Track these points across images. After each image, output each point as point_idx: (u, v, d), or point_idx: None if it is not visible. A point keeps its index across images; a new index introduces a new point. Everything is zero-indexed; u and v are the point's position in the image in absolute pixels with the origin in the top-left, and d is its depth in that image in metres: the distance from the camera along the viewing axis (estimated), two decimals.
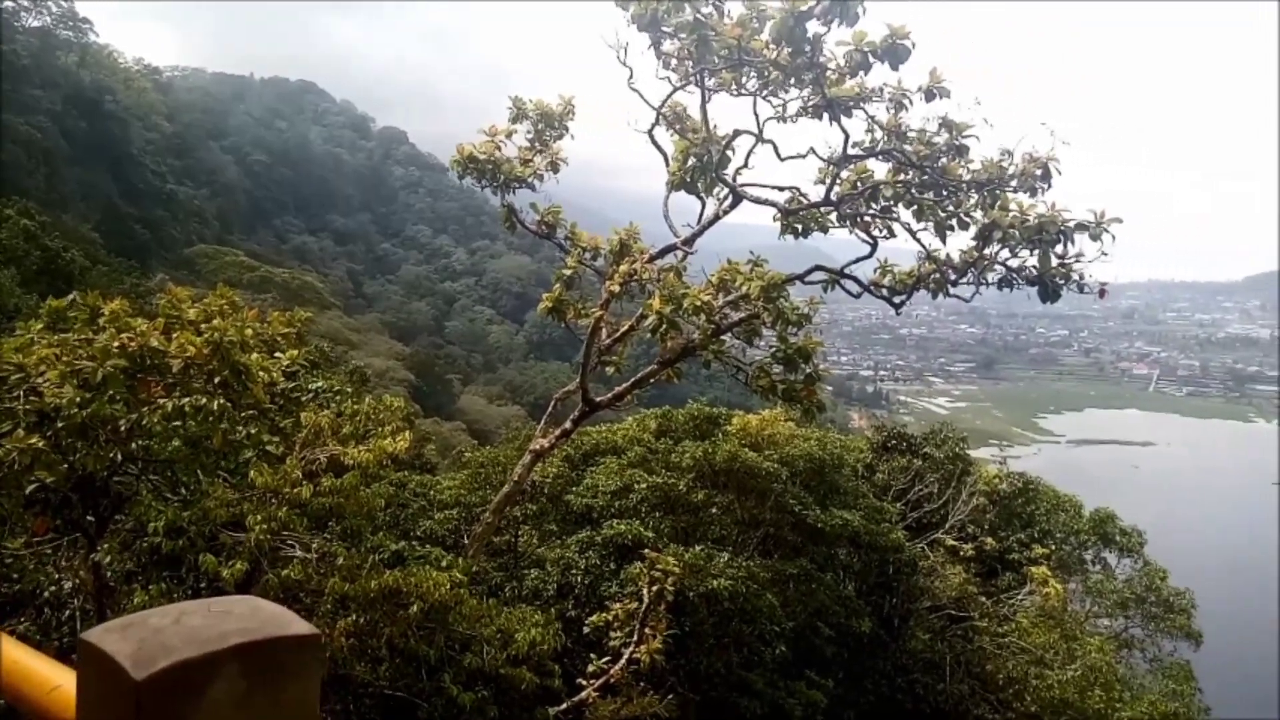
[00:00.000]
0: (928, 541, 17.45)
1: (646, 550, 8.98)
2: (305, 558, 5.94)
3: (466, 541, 9.15)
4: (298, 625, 1.03)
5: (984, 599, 16.78)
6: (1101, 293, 6.26)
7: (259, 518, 5.53)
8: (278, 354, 6.57)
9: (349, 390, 9.11)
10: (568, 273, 6.77)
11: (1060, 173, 5.94)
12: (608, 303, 6.64)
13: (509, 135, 7.07)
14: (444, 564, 6.54)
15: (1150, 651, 22.53)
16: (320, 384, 8.00)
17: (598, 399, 7.36)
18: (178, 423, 5.30)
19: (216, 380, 5.24)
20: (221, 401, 5.15)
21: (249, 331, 5.62)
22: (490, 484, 11.85)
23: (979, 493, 18.96)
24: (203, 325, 5.46)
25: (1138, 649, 22.48)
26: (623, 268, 6.40)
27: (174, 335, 5.26)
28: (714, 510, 13.60)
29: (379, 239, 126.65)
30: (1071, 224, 5.95)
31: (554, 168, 7.17)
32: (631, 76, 6.78)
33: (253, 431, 5.70)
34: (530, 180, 7.02)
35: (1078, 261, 6.06)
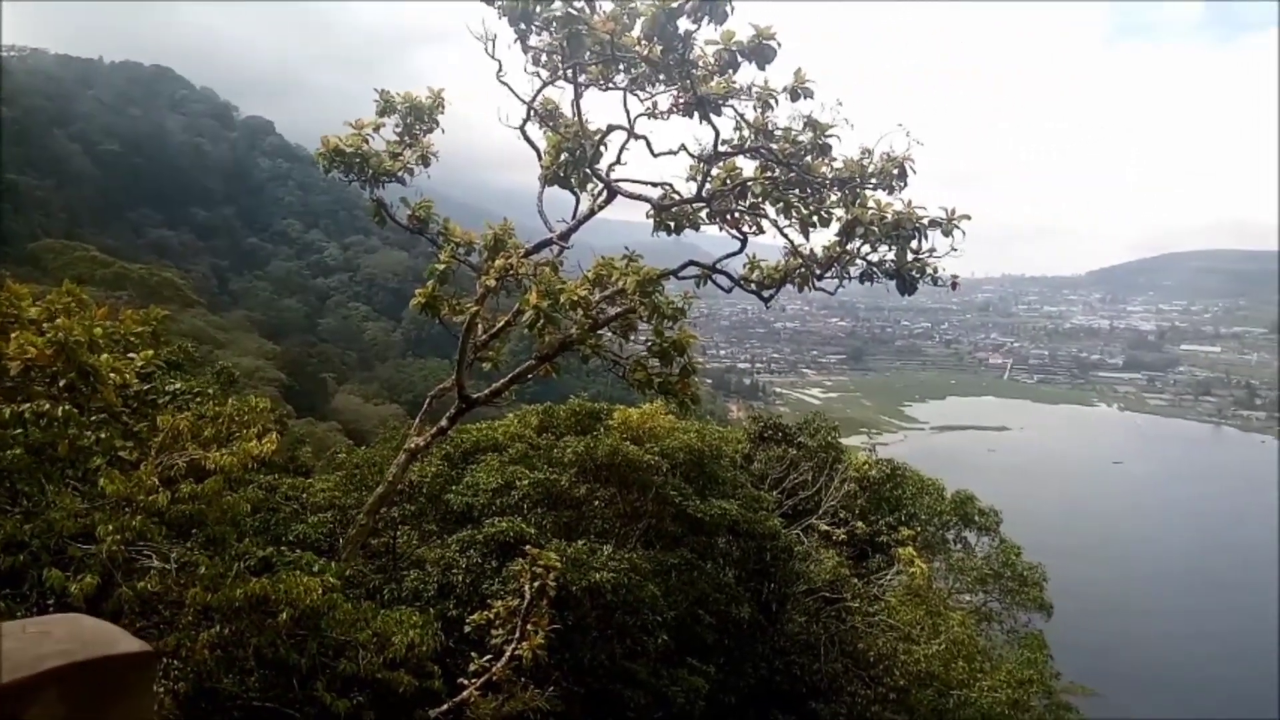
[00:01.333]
0: (803, 527, 18.06)
1: (528, 547, 8.96)
2: (164, 568, 5.65)
3: (341, 545, 8.90)
4: (126, 643, 0.98)
5: (856, 580, 17.47)
6: (954, 285, 6.64)
7: (111, 528, 5.21)
8: (131, 354, 6.22)
9: (212, 391, 8.71)
10: (441, 268, 6.67)
11: (915, 171, 6.27)
12: (483, 298, 6.58)
13: (377, 128, 6.90)
14: (316, 569, 6.34)
15: (1007, 623, 23.97)
16: (179, 385, 7.61)
17: (475, 396, 7.29)
18: (18, 430, 4.95)
19: (61, 383, 4.92)
20: (67, 407, 4.84)
21: (98, 331, 5.30)
22: (366, 485, 11.55)
23: (850, 479, 19.73)
24: (45, 325, 5.12)
25: (996, 621, 23.87)
26: (498, 263, 6.35)
27: (12, 336, 4.91)
28: (596, 504, 13.68)
29: (245, 233, 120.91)
30: (926, 220, 6.29)
31: (425, 161, 7.04)
32: (501, 70, 6.74)
33: (103, 436, 5.39)
34: (400, 174, 6.88)
35: (932, 256, 6.41)
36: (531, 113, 7.27)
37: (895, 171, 6.31)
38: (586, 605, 11.35)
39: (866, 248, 6.69)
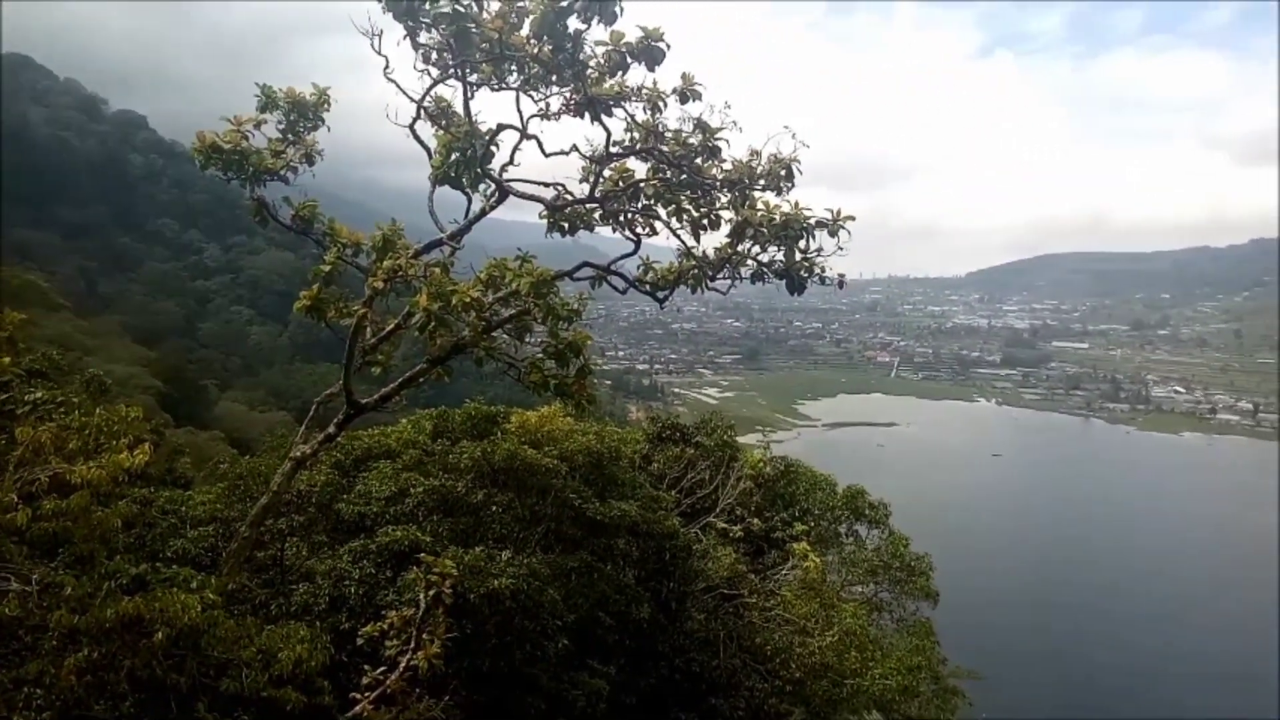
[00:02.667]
0: (701, 526, 18.26)
1: (423, 555, 8.75)
2: (24, 590, 5.27)
3: (223, 559, 8.51)
4: None
5: (753, 576, 17.77)
6: (840, 284, 6.83)
7: None
8: None
9: (78, 400, 8.18)
10: (326, 269, 6.45)
11: (801, 173, 6.43)
12: (371, 300, 6.39)
13: (258, 125, 6.62)
14: (195, 585, 6.04)
15: (897, 612, 24.80)
16: (41, 394, 7.12)
17: (364, 401, 7.08)
18: None
19: None
20: None
21: None
22: (250, 496, 11.09)
23: (746, 477, 20.07)
24: None
25: (886, 611, 24.67)
26: (386, 263, 6.19)
27: None
28: (494, 509, 13.49)
29: (117, 233, 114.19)
30: (813, 221, 6.45)
31: (309, 160, 6.80)
32: (388, 67, 6.57)
33: None
34: (283, 172, 6.62)
35: (819, 256, 6.57)
36: (421, 111, 7.11)
37: (782, 173, 6.44)
38: (485, 612, 11.18)
39: (757, 248, 6.81)
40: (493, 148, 6.90)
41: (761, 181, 6.59)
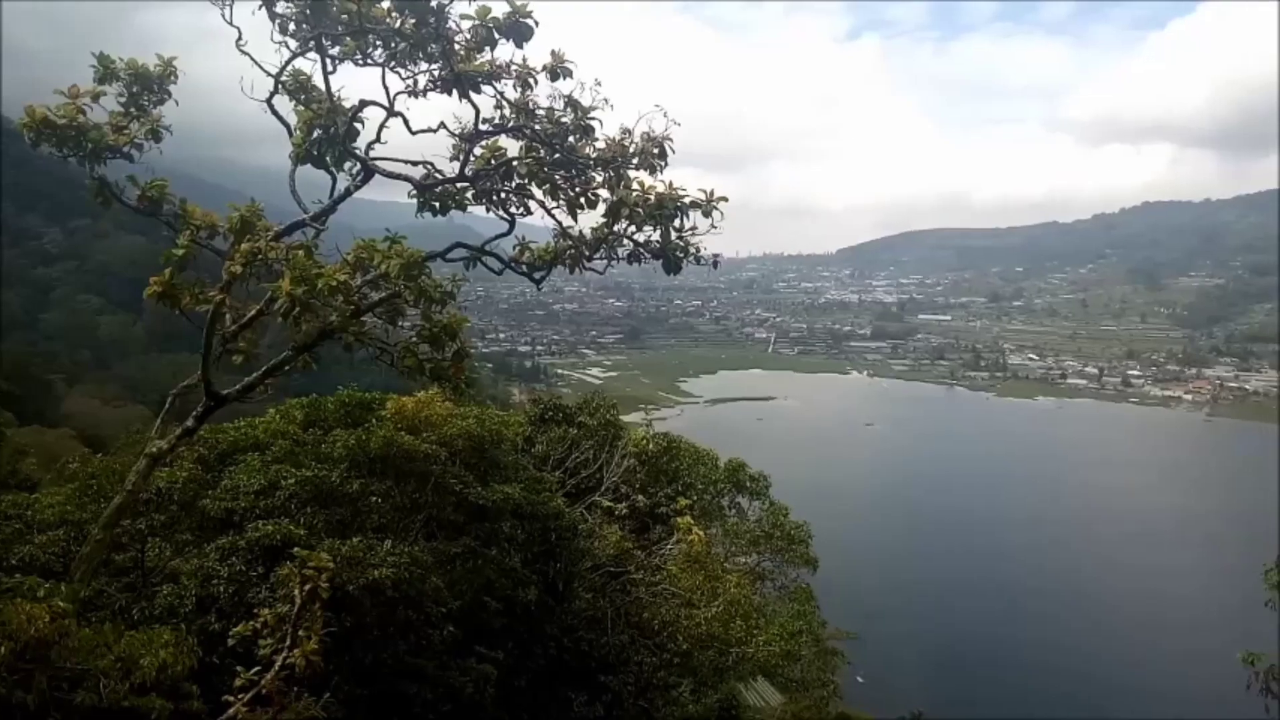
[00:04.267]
0: (586, 505, 18.32)
1: (297, 549, 8.43)
2: None
3: (74, 564, 7.97)
4: None
5: (639, 553, 17.98)
6: (715, 263, 6.90)
7: None
8: None
9: None
10: (180, 253, 6.06)
11: (674, 151, 6.46)
12: (229, 285, 6.06)
13: (96, 98, 6.13)
14: (42, 594, 5.62)
15: (779, 580, 25.65)
16: None
17: (225, 392, 6.73)
18: None
19: None
20: None
21: None
22: (104, 496, 10.44)
23: (629, 455, 20.24)
24: None
25: (769, 579, 25.47)
26: (244, 246, 5.87)
27: None
28: (372, 499, 13.14)
29: None
30: (687, 201, 6.48)
31: (155, 136, 6.35)
32: (240, 38, 6.21)
33: None
34: (126, 149, 6.17)
35: (694, 235, 6.62)
36: (279, 86, 6.75)
37: (655, 152, 6.44)
38: (366, 604, 10.92)
39: (633, 228, 6.80)
40: (357, 125, 6.62)
41: (635, 160, 6.57)
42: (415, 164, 6.78)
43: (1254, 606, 10.72)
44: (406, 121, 6.73)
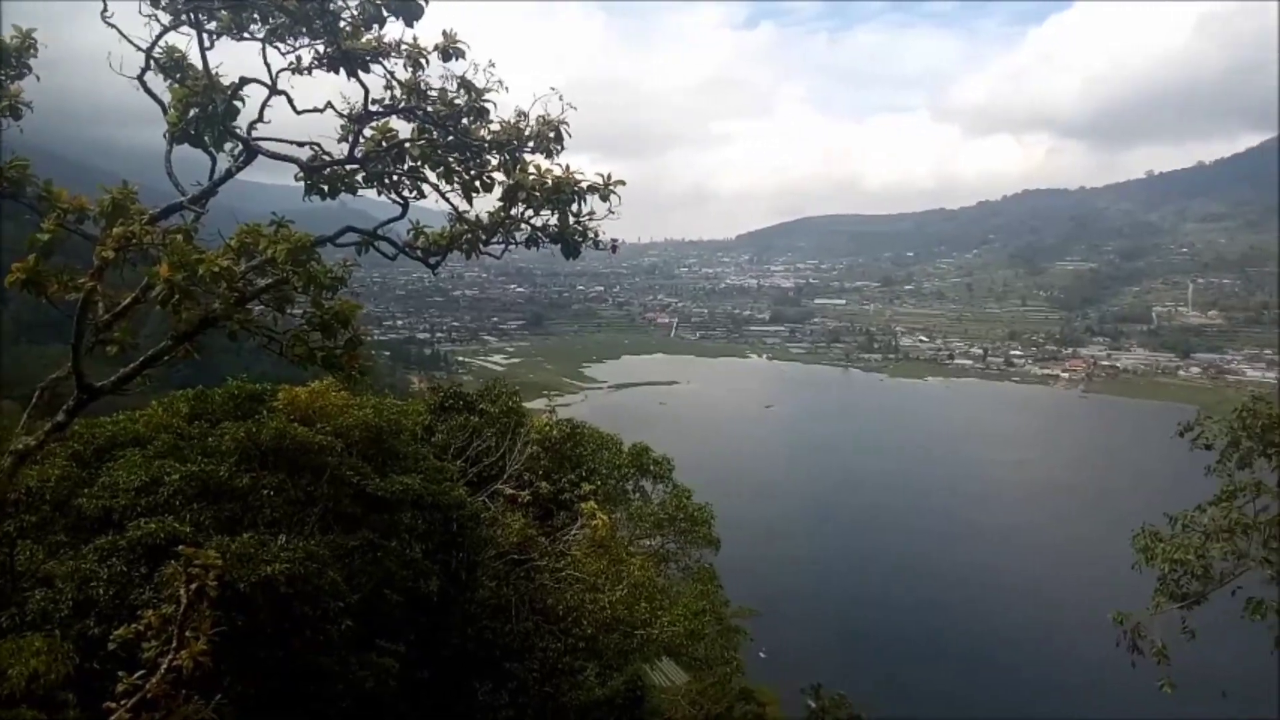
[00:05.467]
0: (489, 494, 18.16)
1: (183, 547, 8.08)
2: None
3: None
4: None
5: (543, 539, 17.95)
6: (614, 248, 6.89)
7: None
8: None
9: None
10: (45, 238, 5.69)
11: (570, 135, 6.40)
12: (100, 271, 5.71)
13: None
14: None
15: (683, 561, 26.05)
16: None
17: (98, 384, 6.37)
18: None
19: None
20: None
21: None
22: None
23: (532, 442, 20.14)
24: None
25: (673, 561, 25.84)
26: (116, 230, 5.54)
27: None
28: (264, 493, 12.69)
29: None
30: (585, 185, 6.44)
31: (14, 113, 5.94)
32: (106, 9, 5.85)
33: None
34: None
35: (592, 220, 6.59)
36: (151, 61, 6.39)
37: (551, 135, 6.37)
38: (259, 601, 10.57)
39: (530, 212, 6.72)
40: (237, 103, 6.32)
41: (531, 144, 6.49)
42: (301, 145, 6.53)
43: (1125, 568, 11.41)
44: (290, 100, 6.47)
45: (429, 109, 6.38)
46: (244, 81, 6.21)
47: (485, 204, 6.92)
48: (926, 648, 67.13)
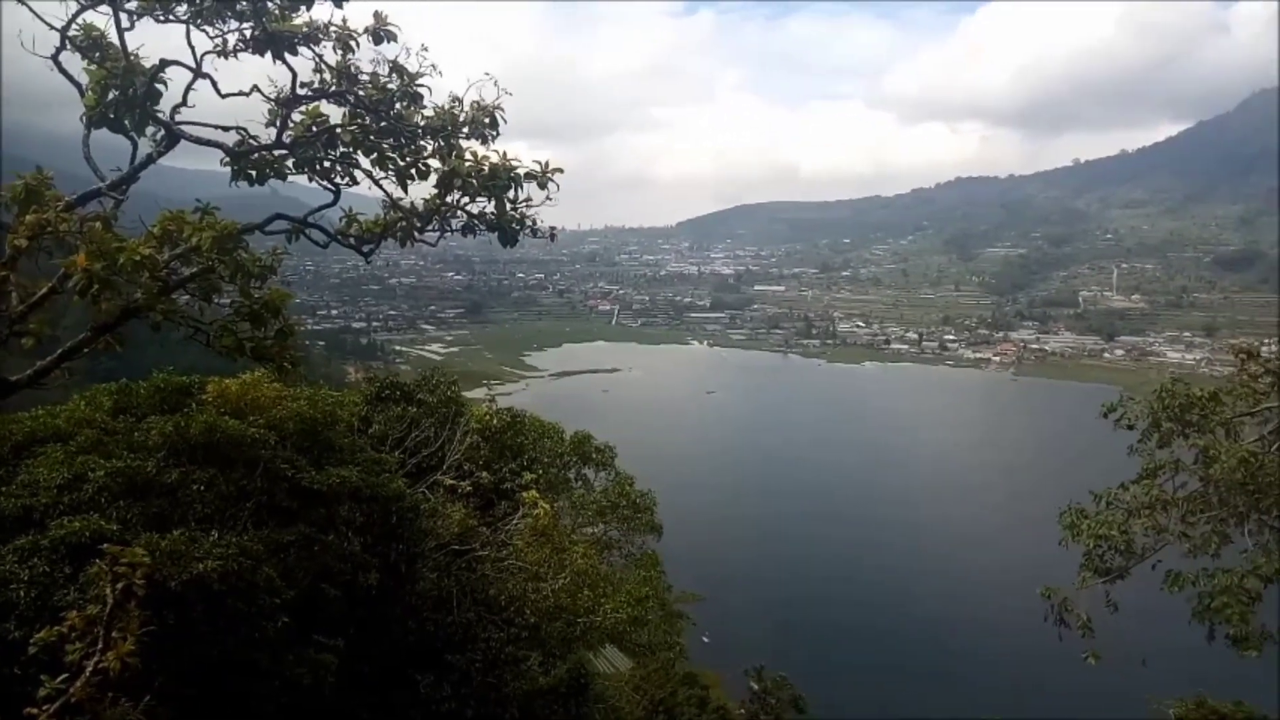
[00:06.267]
0: (428, 485, 17.94)
1: (107, 545, 7.83)
2: None
3: None
4: None
5: (484, 529, 17.81)
6: (552, 236, 6.84)
7: None
8: None
9: None
10: None
11: (505, 120, 6.32)
12: (13, 261, 5.47)
13: None
14: None
15: (626, 548, 26.14)
16: None
17: (14, 379, 6.12)
18: None
19: None
20: None
21: None
22: None
23: (472, 431, 19.95)
24: None
25: (616, 548, 25.92)
26: (29, 218, 5.31)
27: None
28: (195, 488, 12.33)
29: None
30: (522, 172, 6.37)
31: None
32: None
33: None
34: None
35: (529, 206, 6.53)
36: (66, 41, 6.13)
37: (486, 121, 6.29)
38: (191, 600, 10.31)
39: (466, 199, 6.62)
40: (159, 86, 6.09)
41: (466, 129, 6.39)
42: (227, 129, 6.34)
43: (1052, 544, 11.78)
44: (215, 84, 6.27)
45: (360, 93, 6.24)
46: (165, 64, 5.99)
47: (420, 191, 6.80)
48: (866, 628, 68.69)
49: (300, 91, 6.25)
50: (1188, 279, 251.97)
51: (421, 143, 6.55)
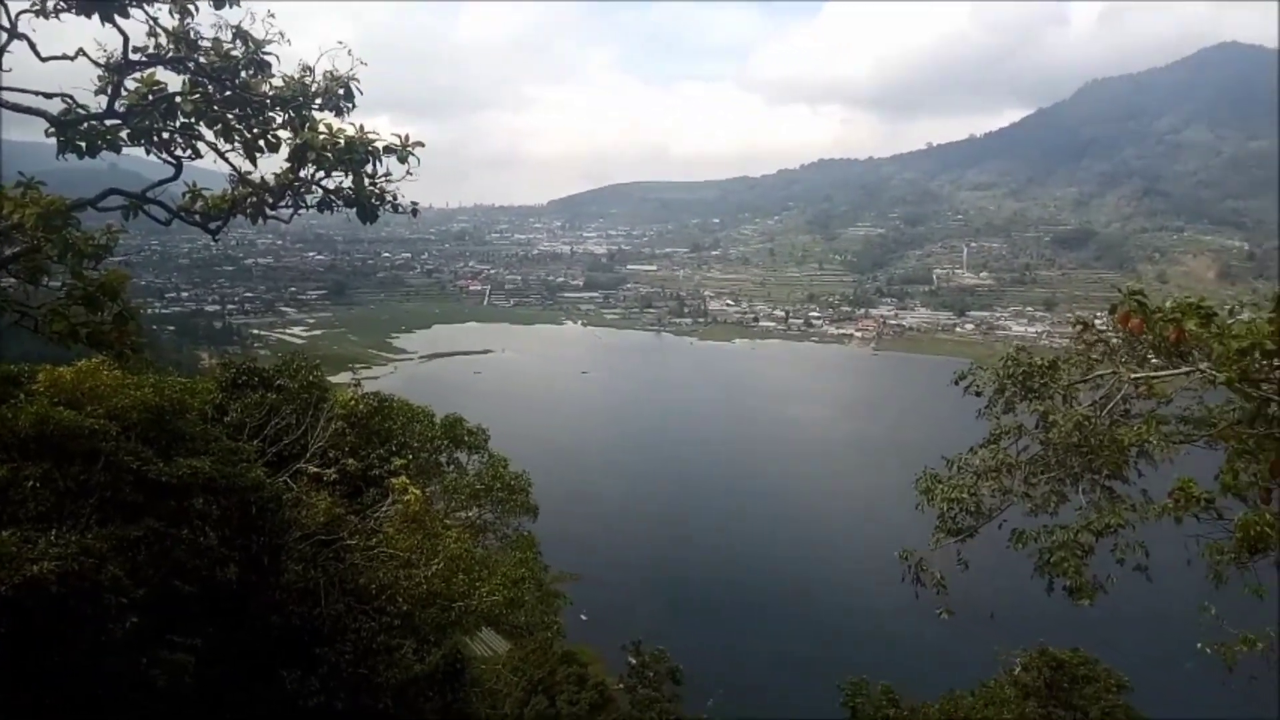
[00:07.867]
0: (290, 474, 17.25)
1: None
2: None
3: None
4: None
5: (352, 518, 17.28)
6: (414, 212, 6.64)
7: None
8: None
9: None
10: None
11: (362, 92, 6.07)
12: None
13: None
14: None
15: (501, 531, 25.97)
16: None
17: None
18: None
19: None
20: None
21: None
22: None
23: (337, 417, 19.28)
24: None
25: (491, 531, 25.71)
26: None
27: None
28: (27, 485, 11.44)
29: None
30: (380, 145, 6.15)
31: None
32: None
33: None
34: None
35: (389, 182, 6.31)
36: None
37: (341, 92, 6.03)
38: (28, 604, 9.60)
39: (321, 174, 6.34)
40: None
41: (319, 100, 6.11)
42: (51, 96, 5.84)
43: (910, 508, 12.41)
44: (34, 46, 5.76)
45: (201, 60, 5.87)
46: None
47: (271, 165, 6.48)
48: (740, 598, 70.73)
49: (133, 57, 5.82)
50: (1030, 257, 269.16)
51: (270, 114, 6.22)
